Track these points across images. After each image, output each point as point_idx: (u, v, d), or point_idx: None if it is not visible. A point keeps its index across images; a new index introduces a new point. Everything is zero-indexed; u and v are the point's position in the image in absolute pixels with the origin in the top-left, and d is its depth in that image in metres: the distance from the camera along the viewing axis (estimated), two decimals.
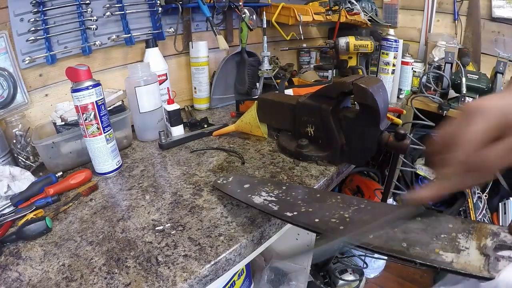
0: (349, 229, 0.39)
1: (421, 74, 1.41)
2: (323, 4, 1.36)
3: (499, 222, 1.35)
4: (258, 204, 0.49)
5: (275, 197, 0.50)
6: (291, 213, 0.45)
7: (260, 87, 1.12)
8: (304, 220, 0.42)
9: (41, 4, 0.75)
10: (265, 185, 0.55)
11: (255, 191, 0.53)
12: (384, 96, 0.62)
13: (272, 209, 0.47)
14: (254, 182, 0.57)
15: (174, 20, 1.01)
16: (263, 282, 1.05)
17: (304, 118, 0.74)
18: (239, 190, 0.55)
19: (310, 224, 0.41)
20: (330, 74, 1.36)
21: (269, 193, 0.52)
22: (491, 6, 1.38)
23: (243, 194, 0.54)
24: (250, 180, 0.59)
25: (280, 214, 0.45)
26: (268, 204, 0.48)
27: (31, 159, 0.77)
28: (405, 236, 0.35)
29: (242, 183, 0.58)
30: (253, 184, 0.56)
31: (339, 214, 0.42)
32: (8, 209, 0.60)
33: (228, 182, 0.60)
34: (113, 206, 0.61)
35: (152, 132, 0.88)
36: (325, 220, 0.41)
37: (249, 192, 0.53)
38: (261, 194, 0.52)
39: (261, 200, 0.50)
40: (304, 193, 0.50)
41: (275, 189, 0.53)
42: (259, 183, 0.57)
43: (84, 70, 0.64)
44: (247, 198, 0.52)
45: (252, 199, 0.51)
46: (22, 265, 0.48)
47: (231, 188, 0.58)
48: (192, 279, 0.44)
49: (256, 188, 0.54)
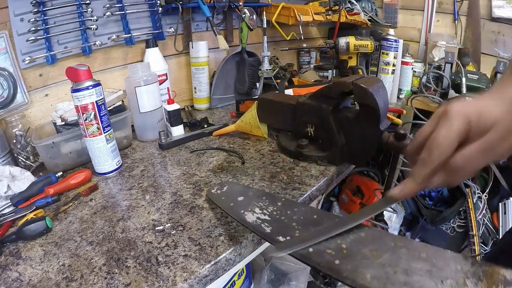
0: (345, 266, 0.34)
1: (421, 74, 1.41)
2: (323, 4, 1.36)
3: (499, 222, 1.35)
4: (250, 223, 0.46)
5: (269, 215, 0.47)
6: (283, 237, 0.41)
7: (260, 87, 1.12)
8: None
9: (41, 4, 0.75)
10: (260, 199, 0.52)
11: (249, 207, 0.50)
12: (384, 96, 0.62)
13: (264, 231, 0.44)
14: (249, 194, 0.54)
15: (174, 20, 1.01)
16: (263, 282, 1.05)
17: (304, 118, 0.74)
18: (232, 204, 0.52)
19: (303, 254, 0.37)
20: (330, 74, 1.36)
21: (263, 209, 0.49)
22: (491, 6, 1.38)
23: (236, 209, 0.51)
24: (245, 191, 0.56)
25: (272, 238, 0.42)
26: (261, 224, 0.45)
27: (31, 159, 0.77)
28: (407, 279, 0.31)
29: (236, 195, 0.55)
30: (248, 197, 0.53)
31: (336, 244, 0.38)
32: (8, 209, 0.60)
33: (222, 193, 0.57)
34: (113, 206, 0.61)
35: (152, 132, 0.88)
36: (319, 250, 0.37)
37: (243, 207, 0.50)
38: (254, 211, 0.49)
39: (254, 218, 0.47)
40: (300, 212, 0.47)
41: (269, 205, 0.49)
42: (254, 196, 0.53)
43: (84, 70, 0.64)
44: (239, 215, 0.49)
45: (245, 216, 0.48)
46: (22, 265, 0.48)
47: (224, 200, 0.55)
48: (192, 279, 0.44)
49: (250, 202, 0.51)
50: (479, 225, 1.41)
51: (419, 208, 1.57)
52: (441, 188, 1.59)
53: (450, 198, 1.58)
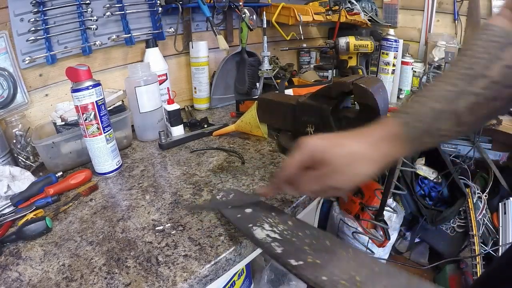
0: None
1: (421, 74, 1.41)
2: (323, 4, 1.36)
3: (499, 222, 1.35)
4: (260, 240, 0.44)
5: (280, 234, 0.45)
6: (296, 261, 0.39)
7: (260, 87, 1.12)
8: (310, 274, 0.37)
9: (41, 4, 0.75)
10: (269, 213, 0.50)
11: (258, 221, 0.48)
12: (384, 96, 0.62)
13: (275, 251, 0.42)
14: (257, 207, 0.52)
15: (174, 20, 1.01)
16: (263, 282, 1.05)
17: (304, 118, 0.74)
18: (240, 215, 0.50)
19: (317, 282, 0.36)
20: (330, 74, 1.36)
21: (273, 226, 0.46)
22: (491, 6, 1.38)
23: (244, 222, 0.49)
24: (253, 203, 0.54)
25: (284, 260, 0.40)
26: (271, 243, 0.43)
27: (31, 159, 0.77)
28: None
29: (243, 206, 0.53)
30: (256, 210, 0.51)
31: (350, 276, 0.36)
32: (8, 209, 0.60)
33: (228, 201, 0.56)
34: (113, 206, 0.61)
35: (152, 132, 0.88)
36: (333, 280, 0.36)
37: (251, 221, 0.48)
38: (263, 227, 0.47)
39: (264, 235, 0.45)
40: (312, 236, 0.44)
41: (280, 223, 0.47)
42: (262, 209, 0.52)
43: (84, 70, 0.64)
44: (248, 230, 0.47)
45: (254, 231, 0.46)
46: (22, 265, 0.48)
47: (231, 211, 0.53)
48: (192, 279, 0.44)
49: (259, 216, 0.49)
50: (479, 225, 1.41)
51: (419, 208, 1.57)
52: (441, 188, 1.59)
53: (450, 198, 1.58)
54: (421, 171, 1.62)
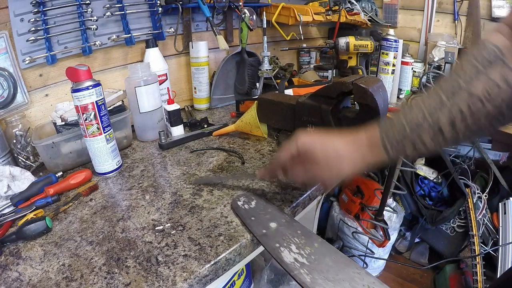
0: None
1: (421, 74, 1.41)
2: (323, 4, 1.36)
3: (499, 222, 1.35)
4: (288, 265, 0.44)
5: (307, 259, 0.44)
6: None
7: (260, 87, 1.12)
8: None
9: (41, 4, 0.75)
10: (295, 232, 0.49)
11: (284, 240, 0.47)
12: (384, 96, 0.62)
13: (305, 280, 0.41)
14: (281, 221, 0.52)
15: (174, 20, 1.01)
16: (263, 282, 1.05)
17: (304, 118, 0.74)
18: (265, 231, 0.49)
19: None
20: (330, 74, 1.36)
21: (300, 249, 0.46)
22: (491, 6, 1.38)
23: (270, 240, 0.48)
24: (276, 215, 0.53)
25: None
26: (299, 268, 0.43)
27: (31, 159, 0.77)
28: None
29: (267, 219, 0.52)
30: (281, 225, 0.51)
31: None
32: (8, 209, 0.60)
33: (251, 209, 0.55)
34: (113, 206, 0.61)
35: (152, 132, 0.88)
36: None
37: (277, 239, 0.48)
38: (291, 248, 0.46)
39: (292, 259, 0.44)
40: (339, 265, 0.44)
41: (306, 245, 0.47)
42: (288, 224, 0.51)
43: (84, 70, 0.64)
44: (274, 250, 0.46)
45: (281, 253, 0.45)
46: (22, 265, 0.48)
47: (254, 222, 0.52)
48: (192, 279, 0.44)
49: (285, 235, 0.48)
50: (479, 225, 1.41)
51: (419, 208, 1.57)
52: (441, 188, 1.59)
53: (450, 198, 1.58)
54: (421, 171, 1.62)
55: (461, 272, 1.43)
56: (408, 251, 1.67)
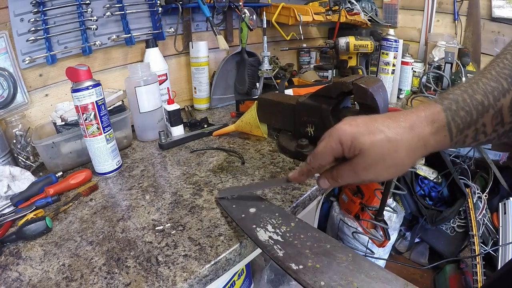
0: None
1: (421, 74, 1.42)
2: (323, 4, 1.36)
3: (499, 222, 1.35)
4: (262, 242, 0.45)
5: (282, 236, 0.46)
6: (296, 266, 0.40)
7: (260, 87, 1.12)
8: (309, 279, 0.38)
9: (41, 4, 0.75)
10: (273, 214, 0.51)
11: (261, 221, 0.49)
12: (384, 96, 0.62)
13: (277, 254, 0.43)
14: (261, 206, 0.53)
15: (174, 20, 1.01)
16: (263, 282, 1.05)
17: (304, 118, 0.74)
18: (244, 216, 0.51)
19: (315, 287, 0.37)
20: (330, 74, 1.36)
21: (276, 228, 0.47)
22: (491, 6, 1.38)
23: (247, 222, 0.50)
24: (258, 202, 0.55)
25: (285, 264, 0.41)
26: (273, 245, 0.44)
27: (31, 159, 0.77)
28: None
29: (247, 205, 0.54)
30: (260, 209, 0.52)
31: (348, 281, 0.37)
32: (8, 209, 0.60)
33: (233, 200, 0.57)
34: (113, 206, 0.61)
35: (152, 132, 0.88)
36: (331, 286, 0.37)
37: (254, 221, 0.50)
38: (266, 228, 0.48)
39: (266, 237, 0.46)
40: (314, 239, 0.45)
41: (282, 224, 0.48)
42: (266, 209, 0.52)
43: (84, 70, 0.64)
44: (251, 230, 0.47)
45: (257, 233, 0.47)
46: (22, 265, 0.48)
47: (235, 209, 0.54)
48: (192, 279, 0.44)
49: (262, 217, 0.50)
50: (479, 225, 1.41)
51: (419, 208, 1.57)
52: (441, 188, 1.59)
53: (450, 198, 1.58)
54: (421, 171, 1.62)
55: (461, 272, 1.43)
56: (408, 251, 1.66)
